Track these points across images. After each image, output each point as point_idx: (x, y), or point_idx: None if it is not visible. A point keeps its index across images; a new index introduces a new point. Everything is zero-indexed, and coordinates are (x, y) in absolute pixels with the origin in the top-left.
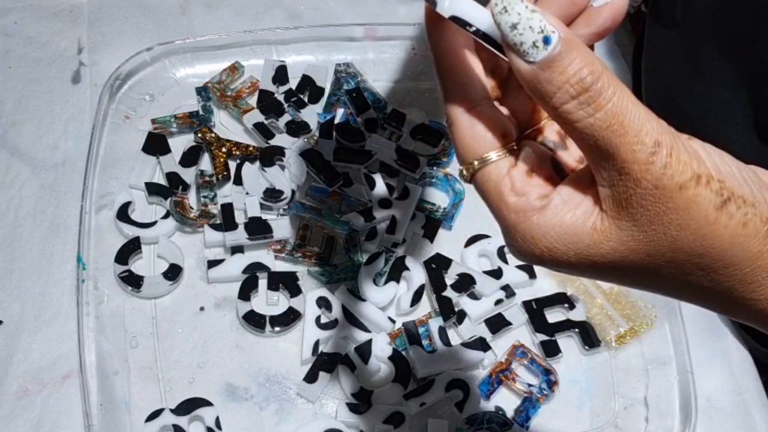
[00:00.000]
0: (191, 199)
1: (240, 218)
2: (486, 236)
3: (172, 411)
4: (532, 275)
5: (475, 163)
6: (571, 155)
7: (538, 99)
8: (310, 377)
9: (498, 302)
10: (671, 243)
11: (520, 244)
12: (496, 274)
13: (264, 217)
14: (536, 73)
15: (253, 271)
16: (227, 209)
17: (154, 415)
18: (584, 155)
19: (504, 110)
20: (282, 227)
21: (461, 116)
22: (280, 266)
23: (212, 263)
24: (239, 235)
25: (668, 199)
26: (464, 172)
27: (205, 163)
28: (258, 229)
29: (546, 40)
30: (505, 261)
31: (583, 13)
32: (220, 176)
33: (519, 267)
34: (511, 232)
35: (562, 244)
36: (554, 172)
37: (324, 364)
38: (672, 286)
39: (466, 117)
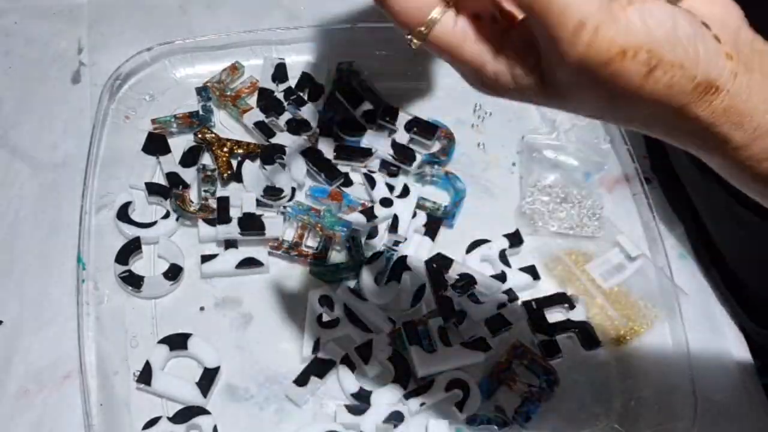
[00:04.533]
0: (193, 194)
1: (237, 215)
2: (487, 241)
3: (170, 419)
4: (536, 277)
5: (422, 29)
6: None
7: None
8: (301, 380)
9: (501, 306)
10: (602, 115)
11: (480, 86)
12: (500, 278)
13: (265, 214)
14: None
15: (246, 266)
16: (222, 202)
17: (151, 423)
18: (534, 31)
19: None
20: (275, 226)
21: None
22: (278, 264)
23: (206, 258)
24: (231, 229)
25: (595, 76)
26: (413, 40)
27: (206, 162)
28: (250, 225)
29: None
30: (508, 264)
31: None
32: (224, 175)
33: (522, 270)
34: (470, 77)
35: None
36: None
37: (316, 368)
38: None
39: None
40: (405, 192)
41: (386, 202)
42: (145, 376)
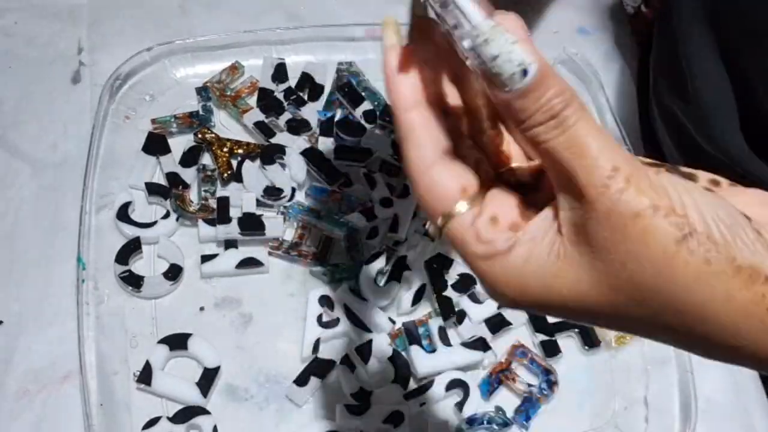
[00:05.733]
0: (193, 194)
1: (237, 215)
2: None
3: (170, 419)
4: None
5: (439, 220)
6: (544, 195)
7: (508, 120)
8: (301, 380)
9: (501, 306)
10: (630, 276)
11: (493, 290)
12: None
13: (265, 214)
14: (511, 101)
15: (246, 266)
16: (222, 202)
17: (151, 423)
18: (551, 179)
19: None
20: (275, 226)
21: (420, 177)
22: (278, 264)
23: (206, 258)
24: (231, 229)
25: (623, 227)
26: (430, 229)
27: (206, 162)
28: (250, 225)
29: (524, 73)
30: None
31: None
32: (224, 175)
33: None
34: (483, 280)
35: (531, 279)
36: (521, 215)
37: (317, 368)
38: (647, 329)
39: (425, 177)
40: (405, 192)
41: (386, 202)
42: (145, 376)
